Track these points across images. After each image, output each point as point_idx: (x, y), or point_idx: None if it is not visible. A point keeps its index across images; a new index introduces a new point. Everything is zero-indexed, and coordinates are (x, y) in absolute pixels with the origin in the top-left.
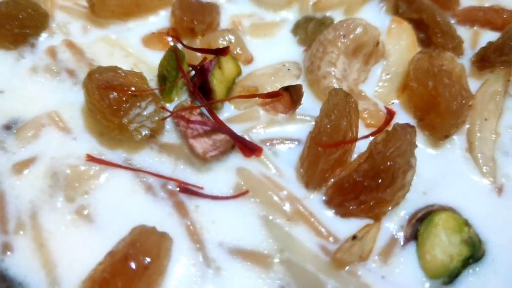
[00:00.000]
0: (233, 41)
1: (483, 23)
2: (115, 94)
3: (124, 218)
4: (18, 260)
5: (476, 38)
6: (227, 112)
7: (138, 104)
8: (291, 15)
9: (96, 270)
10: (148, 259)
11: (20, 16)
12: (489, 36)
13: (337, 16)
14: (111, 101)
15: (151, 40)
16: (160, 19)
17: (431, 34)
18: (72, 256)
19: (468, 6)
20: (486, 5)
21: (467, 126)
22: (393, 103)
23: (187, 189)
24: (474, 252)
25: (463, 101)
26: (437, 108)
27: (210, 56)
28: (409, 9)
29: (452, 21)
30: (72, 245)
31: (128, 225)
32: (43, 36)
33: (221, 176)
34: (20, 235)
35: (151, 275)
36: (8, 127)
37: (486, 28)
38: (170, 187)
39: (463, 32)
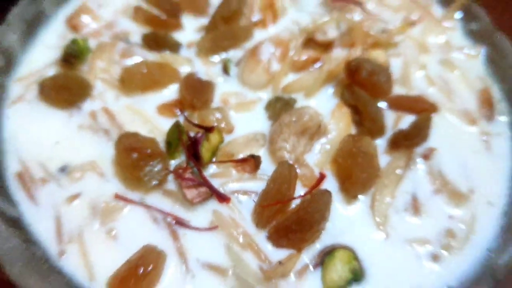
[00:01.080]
0: (219, 118)
1: (405, 109)
2: (136, 154)
3: (137, 239)
4: (69, 262)
5: (398, 121)
6: (211, 169)
7: (151, 163)
8: (265, 95)
9: (118, 271)
10: (150, 267)
11: (73, 86)
12: (409, 119)
13: (299, 97)
14: (133, 160)
15: (163, 109)
16: (171, 92)
17: (362, 119)
18: (103, 262)
19: (397, 95)
20: (412, 94)
21: (373, 190)
22: (327, 170)
23: (179, 222)
24: (356, 277)
25: (369, 176)
26: (351, 179)
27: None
28: (350, 97)
29: (384, 105)
30: (103, 254)
31: (140, 243)
32: (87, 102)
33: (202, 215)
34: (71, 246)
35: (152, 277)
36: (62, 169)
37: (408, 113)
38: (168, 220)
39: (390, 115)
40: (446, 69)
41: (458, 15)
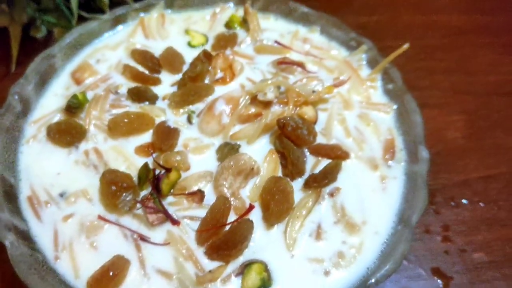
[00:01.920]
0: (179, 159)
1: (323, 155)
2: (114, 187)
3: (111, 249)
4: (62, 265)
5: (317, 164)
6: (169, 199)
7: (125, 194)
8: (217, 141)
9: (95, 273)
10: (118, 271)
11: (72, 131)
12: (326, 162)
13: (243, 143)
14: (111, 191)
15: (139, 150)
16: (147, 136)
17: (287, 163)
18: (86, 265)
19: (318, 144)
20: (331, 142)
21: (287, 218)
22: (256, 201)
23: (142, 238)
24: (264, 284)
25: (283, 209)
26: (269, 211)
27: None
28: (279, 145)
29: (307, 152)
30: (86, 260)
31: (113, 253)
32: (83, 142)
33: (159, 233)
34: (64, 253)
35: (119, 278)
36: (61, 195)
37: (325, 158)
38: (134, 236)
39: (311, 159)
40: (363, 122)
41: (379, 76)
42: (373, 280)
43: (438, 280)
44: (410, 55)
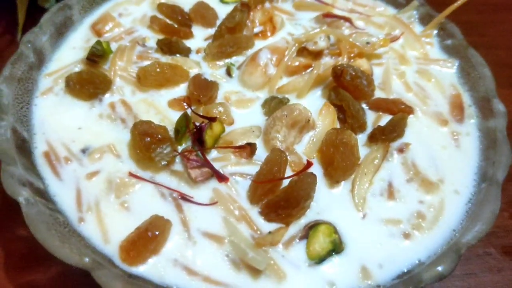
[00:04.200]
0: (222, 111)
1: (384, 110)
2: (149, 138)
3: (147, 210)
4: (88, 227)
5: (378, 120)
6: (213, 154)
7: (161, 146)
8: (262, 95)
9: (129, 236)
10: (158, 232)
11: (96, 81)
12: (388, 118)
13: (292, 97)
14: (145, 143)
15: (173, 104)
16: (181, 90)
17: (346, 116)
18: (116, 228)
19: (377, 98)
20: (391, 97)
21: (353, 176)
22: (314, 157)
23: (184, 197)
24: (335, 248)
25: (350, 164)
26: (333, 165)
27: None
28: (336, 97)
29: (365, 107)
30: (117, 222)
31: (149, 213)
32: (108, 94)
33: (204, 192)
34: (89, 214)
35: (159, 241)
36: (83, 151)
37: (387, 113)
38: (174, 195)
39: (371, 115)
40: (422, 77)
41: (435, 32)
42: (464, 242)
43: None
44: None
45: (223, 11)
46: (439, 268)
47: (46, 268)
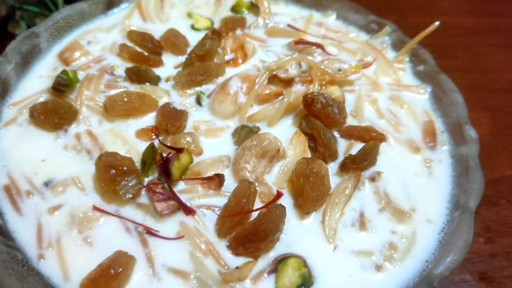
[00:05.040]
0: (190, 141)
1: (356, 138)
2: (114, 170)
3: (111, 245)
4: (47, 265)
5: (350, 148)
6: (180, 186)
7: (126, 178)
8: (232, 123)
9: (91, 273)
10: (121, 269)
11: (61, 111)
12: (360, 146)
13: (263, 125)
14: (110, 175)
15: (141, 134)
16: (149, 119)
17: (317, 145)
18: (78, 265)
19: (349, 125)
20: (363, 124)
21: (323, 207)
22: (284, 187)
23: (149, 231)
24: (305, 282)
25: (320, 195)
26: (304, 196)
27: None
28: (307, 126)
29: (337, 135)
30: (79, 258)
31: (113, 249)
32: (73, 125)
33: (170, 225)
34: (49, 250)
35: (121, 278)
36: (46, 184)
37: (359, 141)
38: (139, 229)
39: (343, 143)
40: (395, 104)
41: (407, 58)
42: (436, 273)
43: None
44: None
45: (194, 38)
46: None
47: None
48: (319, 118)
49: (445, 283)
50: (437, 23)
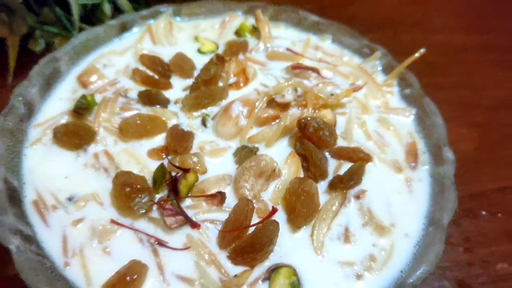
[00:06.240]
0: (196, 161)
1: (345, 158)
2: (129, 188)
3: (126, 255)
4: (72, 271)
5: (339, 167)
6: (187, 202)
7: (140, 195)
8: (234, 144)
9: (110, 279)
10: (135, 276)
11: (81, 133)
12: (348, 165)
13: (261, 146)
14: (126, 193)
15: (152, 154)
16: (159, 139)
17: (309, 165)
18: (98, 272)
19: (339, 146)
20: (352, 145)
21: (313, 222)
22: (279, 204)
23: (160, 242)
24: None
25: (310, 211)
26: (295, 212)
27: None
28: (300, 147)
29: (328, 155)
30: (99, 266)
31: (128, 258)
32: (92, 145)
33: (178, 237)
34: (74, 259)
35: (136, 284)
36: (70, 199)
37: (347, 161)
38: (151, 240)
39: (333, 162)
40: (382, 126)
41: (396, 82)
42: (409, 282)
43: None
44: (414, 72)
45: (200, 61)
46: None
47: None
48: (311, 140)
49: None
50: (422, 50)
